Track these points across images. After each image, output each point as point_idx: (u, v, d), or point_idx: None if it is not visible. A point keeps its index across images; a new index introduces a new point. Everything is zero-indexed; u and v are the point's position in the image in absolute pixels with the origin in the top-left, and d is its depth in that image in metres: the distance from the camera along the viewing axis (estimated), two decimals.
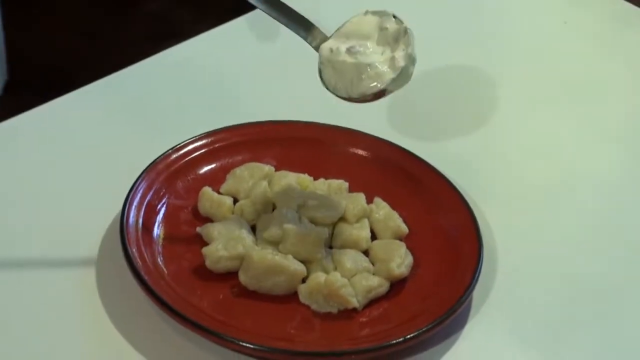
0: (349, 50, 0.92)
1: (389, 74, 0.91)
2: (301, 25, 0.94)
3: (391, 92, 0.92)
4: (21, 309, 0.91)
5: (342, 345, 0.89)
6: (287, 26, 0.94)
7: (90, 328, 0.90)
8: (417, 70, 0.96)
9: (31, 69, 1.22)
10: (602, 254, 1.04)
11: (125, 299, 0.92)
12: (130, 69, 1.21)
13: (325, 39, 0.94)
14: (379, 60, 0.92)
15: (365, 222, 1.00)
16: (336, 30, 0.94)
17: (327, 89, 0.94)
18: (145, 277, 0.90)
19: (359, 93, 0.92)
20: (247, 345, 0.86)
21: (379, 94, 0.92)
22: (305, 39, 0.95)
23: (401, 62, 0.91)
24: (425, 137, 1.15)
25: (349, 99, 0.93)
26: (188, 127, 1.09)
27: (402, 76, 0.91)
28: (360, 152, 1.08)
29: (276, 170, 1.05)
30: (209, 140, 1.07)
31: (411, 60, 0.92)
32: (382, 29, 0.92)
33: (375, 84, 0.92)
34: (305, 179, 1.03)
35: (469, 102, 1.26)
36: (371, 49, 0.92)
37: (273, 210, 1.00)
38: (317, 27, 0.95)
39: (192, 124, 1.10)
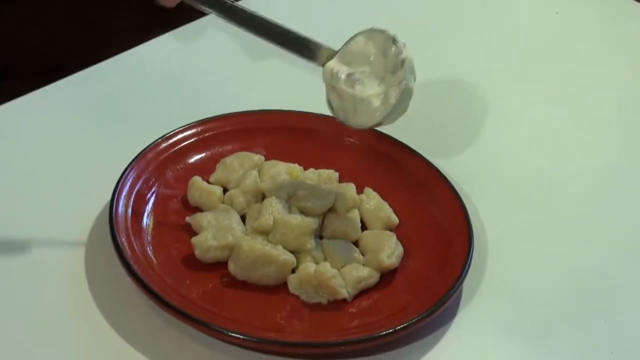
0: (349, 78, 0.92)
1: (381, 111, 0.91)
2: (303, 48, 0.94)
3: (388, 123, 0.92)
4: (9, 298, 0.91)
5: (331, 336, 0.89)
6: (289, 51, 0.94)
7: (79, 318, 0.90)
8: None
9: (18, 56, 1.21)
10: (593, 247, 1.04)
11: (114, 288, 0.91)
12: (120, 57, 1.21)
13: (330, 55, 0.93)
14: (374, 94, 0.91)
15: (356, 212, 1.00)
16: (342, 47, 0.93)
17: (330, 108, 0.94)
18: (134, 267, 0.89)
19: (355, 123, 0.93)
20: (236, 335, 0.85)
21: (375, 125, 0.93)
22: (309, 60, 0.94)
23: (393, 100, 0.91)
24: (416, 128, 1.14)
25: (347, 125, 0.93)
26: (178, 116, 1.08)
27: (397, 111, 0.92)
28: (351, 142, 1.08)
29: (266, 159, 1.04)
30: (199, 129, 1.06)
31: (407, 94, 0.92)
32: (384, 56, 0.92)
33: (368, 120, 0.92)
34: (295, 168, 1.03)
35: (461, 94, 1.26)
36: (369, 79, 0.92)
37: (263, 199, 0.99)
38: (319, 45, 0.94)
39: (182, 113, 1.10)
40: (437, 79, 1.27)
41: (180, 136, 1.05)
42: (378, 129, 1.07)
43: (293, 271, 0.93)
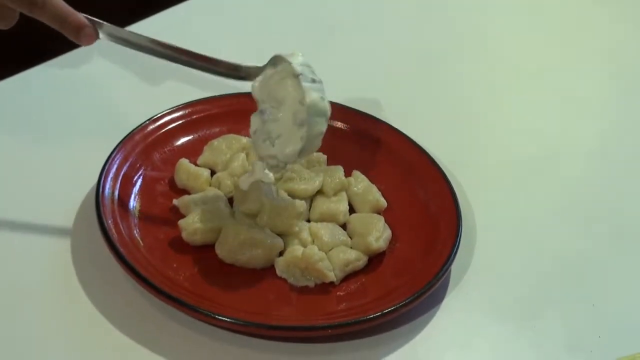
0: (261, 112, 0.92)
1: (290, 153, 0.91)
2: (231, 71, 0.95)
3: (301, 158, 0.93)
4: None
5: (318, 319, 0.88)
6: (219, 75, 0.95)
7: (65, 300, 0.89)
8: (397, 44, 0.96)
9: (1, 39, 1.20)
10: (582, 230, 1.04)
11: (101, 271, 0.91)
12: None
13: (256, 73, 0.94)
14: (283, 135, 0.91)
15: (344, 195, 0.99)
16: (266, 69, 0.93)
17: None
18: (121, 250, 0.89)
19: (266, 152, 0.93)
20: (223, 318, 0.85)
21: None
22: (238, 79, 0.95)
23: (298, 146, 0.90)
24: (404, 111, 1.14)
25: None
26: (165, 98, 1.08)
27: (306, 150, 0.91)
28: (339, 124, 1.07)
29: None
30: (187, 111, 1.06)
31: (314, 136, 0.91)
32: (300, 102, 0.90)
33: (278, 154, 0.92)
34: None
35: (450, 78, 1.26)
36: (280, 117, 0.92)
37: None
38: (242, 66, 0.94)
39: (169, 95, 1.10)
40: (424, 64, 1.27)
41: (167, 118, 1.04)
42: (365, 111, 1.08)
43: (281, 254, 0.93)
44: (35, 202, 0.97)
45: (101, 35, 0.92)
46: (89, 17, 0.91)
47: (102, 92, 1.13)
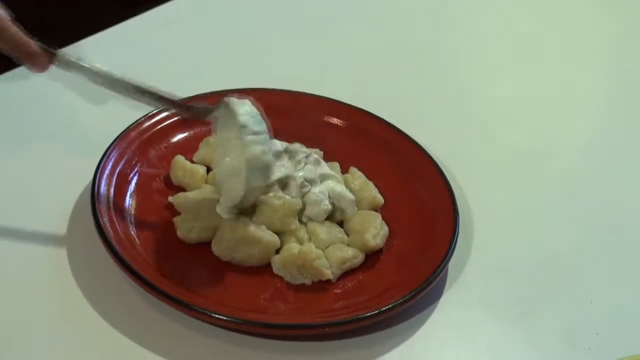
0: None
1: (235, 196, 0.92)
2: (181, 111, 0.95)
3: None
4: None
5: (315, 317, 0.88)
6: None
7: (60, 298, 0.89)
8: (393, 39, 0.95)
9: None
10: (581, 227, 1.04)
11: (96, 269, 0.90)
12: (103, 34, 1.19)
13: (205, 113, 0.94)
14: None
15: None
16: (215, 111, 0.93)
17: None
18: (116, 247, 0.88)
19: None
20: (220, 317, 0.85)
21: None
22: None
23: (241, 192, 0.90)
24: (401, 107, 1.14)
25: None
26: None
27: (247, 200, 0.92)
28: (336, 121, 1.07)
29: None
30: None
31: (253, 190, 0.91)
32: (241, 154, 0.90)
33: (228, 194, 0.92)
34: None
35: (444, 69, 1.26)
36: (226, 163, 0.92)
37: None
38: (193, 107, 0.95)
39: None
40: (420, 58, 1.27)
41: (163, 115, 1.04)
42: (362, 107, 1.08)
43: (277, 252, 0.92)
44: (30, 200, 0.97)
45: (56, 64, 0.92)
46: (43, 45, 0.91)
47: (97, 88, 1.12)
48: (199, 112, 0.94)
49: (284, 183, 0.94)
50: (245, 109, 0.91)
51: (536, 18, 1.39)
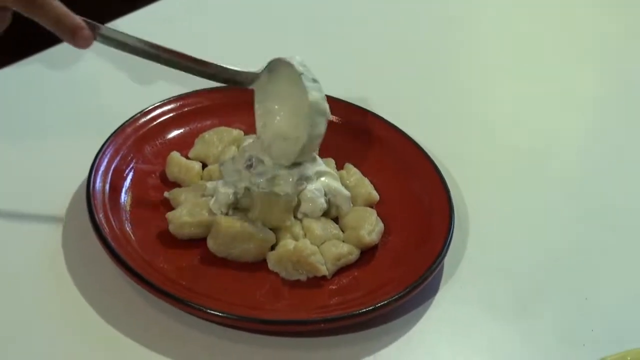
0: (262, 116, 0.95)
1: (291, 154, 0.93)
2: (229, 77, 0.94)
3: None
4: None
5: (311, 313, 0.88)
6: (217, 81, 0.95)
7: (55, 294, 0.88)
8: (391, 37, 0.94)
9: None
10: (575, 224, 1.04)
11: (92, 265, 0.90)
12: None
13: (253, 79, 0.94)
14: (284, 137, 0.94)
15: None
16: (262, 73, 0.94)
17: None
18: (112, 243, 0.88)
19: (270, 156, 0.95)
20: (215, 312, 0.84)
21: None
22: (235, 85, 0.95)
23: (299, 146, 0.92)
24: (398, 104, 1.14)
25: None
26: (157, 90, 1.07)
27: (306, 152, 0.94)
28: (332, 117, 1.07)
29: (245, 134, 1.03)
30: (178, 104, 1.05)
31: (311, 139, 0.93)
32: (291, 95, 0.92)
33: (280, 157, 0.94)
34: None
35: (443, 68, 1.26)
36: (282, 120, 0.94)
37: None
38: (241, 72, 0.94)
39: (161, 87, 1.09)
40: (417, 56, 1.26)
41: (159, 111, 1.04)
42: (357, 104, 1.08)
43: (273, 248, 0.92)
44: (26, 197, 0.97)
45: (98, 38, 0.91)
46: (86, 19, 0.90)
47: (94, 83, 1.12)
48: (245, 79, 0.94)
49: (279, 179, 0.94)
50: (298, 60, 0.92)
51: (536, 18, 1.39)
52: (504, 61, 1.29)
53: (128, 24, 1.19)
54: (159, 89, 1.08)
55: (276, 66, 0.93)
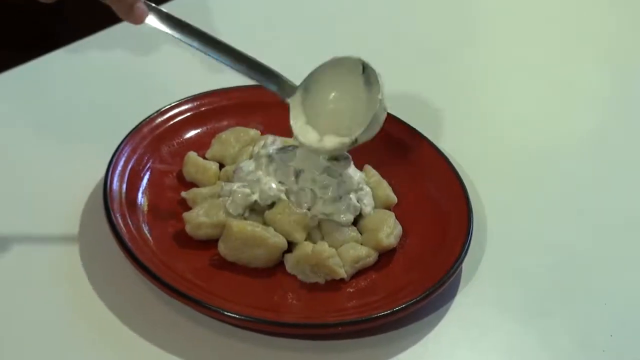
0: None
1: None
2: (271, 82, 0.94)
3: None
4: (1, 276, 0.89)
5: (328, 316, 0.87)
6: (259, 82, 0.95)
7: (71, 294, 0.88)
8: (408, 38, 0.93)
9: (10, 25, 1.19)
10: (595, 227, 1.03)
11: (108, 265, 0.90)
12: (115, 28, 1.19)
13: (291, 91, 0.95)
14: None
15: None
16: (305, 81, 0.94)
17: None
18: (129, 244, 0.88)
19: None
20: (231, 315, 0.84)
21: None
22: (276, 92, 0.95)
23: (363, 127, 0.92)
24: (415, 106, 1.13)
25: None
26: (174, 90, 1.07)
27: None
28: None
29: (262, 134, 1.03)
30: (195, 104, 1.05)
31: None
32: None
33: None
34: (291, 143, 1.01)
35: (461, 69, 1.25)
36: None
37: None
38: (284, 80, 0.94)
39: (178, 86, 1.08)
40: (435, 56, 1.26)
41: (175, 111, 1.03)
42: None
43: (290, 251, 0.92)
44: (42, 197, 0.97)
45: (150, 17, 0.91)
46: None
47: (110, 83, 1.12)
48: (285, 90, 0.94)
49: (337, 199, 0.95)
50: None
51: (549, 15, 1.38)
52: (520, 61, 1.28)
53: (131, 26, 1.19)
54: (176, 88, 1.07)
55: (311, 85, 0.93)
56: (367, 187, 0.97)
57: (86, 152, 1.01)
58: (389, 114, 1.06)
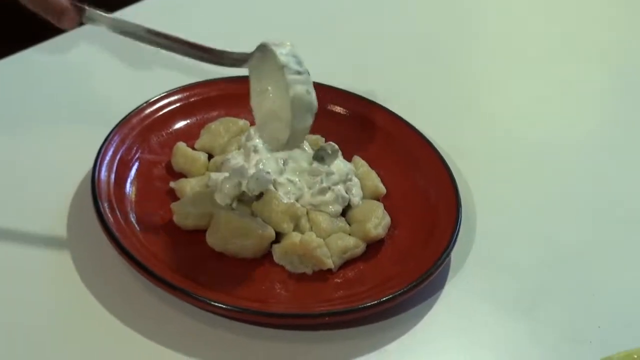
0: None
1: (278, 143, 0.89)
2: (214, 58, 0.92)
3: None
4: None
5: (316, 306, 0.87)
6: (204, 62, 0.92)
7: (60, 285, 0.88)
8: (398, 29, 0.93)
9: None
10: (583, 219, 1.03)
11: (96, 256, 0.90)
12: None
13: (243, 59, 0.91)
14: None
15: None
16: (254, 56, 0.90)
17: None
18: (116, 234, 0.88)
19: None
20: (219, 305, 0.84)
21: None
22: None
23: (284, 137, 0.87)
24: (404, 97, 1.13)
25: None
26: (163, 80, 1.07)
27: (291, 144, 0.89)
28: (339, 109, 1.06)
29: (251, 125, 1.02)
30: (184, 94, 1.05)
31: (295, 134, 0.87)
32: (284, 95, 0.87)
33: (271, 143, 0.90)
34: None
35: (450, 61, 1.25)
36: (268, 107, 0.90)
37: None
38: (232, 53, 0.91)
39: (167, 77, 1.08)
40: (424, 48, 1.26)
41: (165, 101, 1.03)
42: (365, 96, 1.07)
43: (278, 241, 0.92)
44: (30, 187, 0.96)
45: (85, 20, 0.91)
46: (75, 2, 0.90)
47: (99, 73, 1.12)
48: (235, 60, 0.91)
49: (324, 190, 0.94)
50: (286, 49, 0.88)
51: (545, 9, 1.38)
52: (512, 53, 1.28)
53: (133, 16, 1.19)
54: (165, 79, 1.07)
55: (263, 52, 0.89)
56: (355, 177, 0.97)
57: (74, 143, 1.01)
58: (378, 106, 1.06)
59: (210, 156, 1.00)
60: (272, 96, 0.88)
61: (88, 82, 1.11)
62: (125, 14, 1.16)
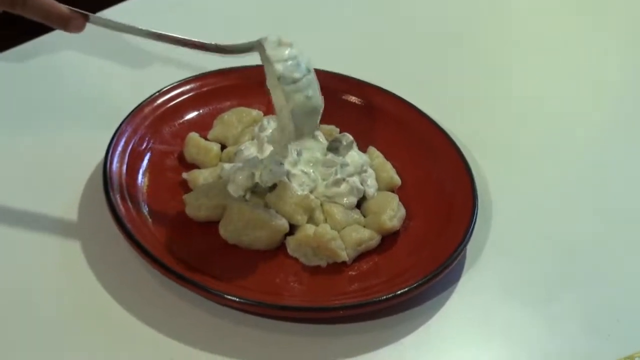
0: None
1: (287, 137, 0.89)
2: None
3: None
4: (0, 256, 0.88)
5: (330, 300, 0.86)
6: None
7: (71, 276, 0.87)
8: (415, 20, 0.91)
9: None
10: (602, 208, 1.02)
11: (108, 247, 0.89)
12: (118, 8, 1.18)
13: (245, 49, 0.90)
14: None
15: None
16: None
17: None
18: (128, 226, 0.87)
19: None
20: (232, 298, 0.83)
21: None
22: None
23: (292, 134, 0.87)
24: (420, 87, 1.12)
25: None
26: (176, 70, 1.06)
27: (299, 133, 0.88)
28: (354, 99, 1.05)
29: (265, 115, 1.01)
30: (197, 84, 1.04)
31: (299, 135, 0.88)
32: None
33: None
34: None
35: (466, 50, 1.24)
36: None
37: None
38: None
39: (179, 67, 1.08)
40: (439, 37, 1.25)
41: (177, 91, 1.02)
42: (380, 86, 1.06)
43: (292, 233, 0.91)
44: (41, 178, 0.96)
45: (91, 22, 0.91)
46: (71, 8, 0.89)
47: (111, 63, 1.11)
48: (235, 51, 0.91)
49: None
50: (281, 55, 0.86)
51: (565, 6, 1.37)
52: (529, 43, 1.28)
53: (126, 12, 1.18)
54: (178, 68, 1.06)
55: (262, 50, 0.88)
56: (370, 169, 0.96)
57: (87, 133, 1.00)
58: (394, 94, 1.05)
59: (223, 147, 0.99)
60: (275, 96, 0.88)
61: (101, 70, 1.10)
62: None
